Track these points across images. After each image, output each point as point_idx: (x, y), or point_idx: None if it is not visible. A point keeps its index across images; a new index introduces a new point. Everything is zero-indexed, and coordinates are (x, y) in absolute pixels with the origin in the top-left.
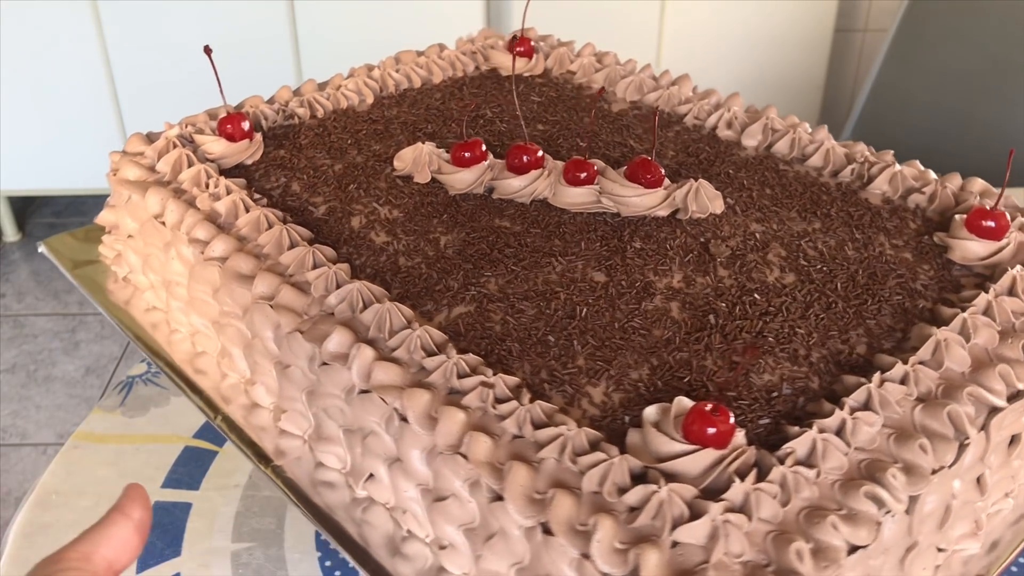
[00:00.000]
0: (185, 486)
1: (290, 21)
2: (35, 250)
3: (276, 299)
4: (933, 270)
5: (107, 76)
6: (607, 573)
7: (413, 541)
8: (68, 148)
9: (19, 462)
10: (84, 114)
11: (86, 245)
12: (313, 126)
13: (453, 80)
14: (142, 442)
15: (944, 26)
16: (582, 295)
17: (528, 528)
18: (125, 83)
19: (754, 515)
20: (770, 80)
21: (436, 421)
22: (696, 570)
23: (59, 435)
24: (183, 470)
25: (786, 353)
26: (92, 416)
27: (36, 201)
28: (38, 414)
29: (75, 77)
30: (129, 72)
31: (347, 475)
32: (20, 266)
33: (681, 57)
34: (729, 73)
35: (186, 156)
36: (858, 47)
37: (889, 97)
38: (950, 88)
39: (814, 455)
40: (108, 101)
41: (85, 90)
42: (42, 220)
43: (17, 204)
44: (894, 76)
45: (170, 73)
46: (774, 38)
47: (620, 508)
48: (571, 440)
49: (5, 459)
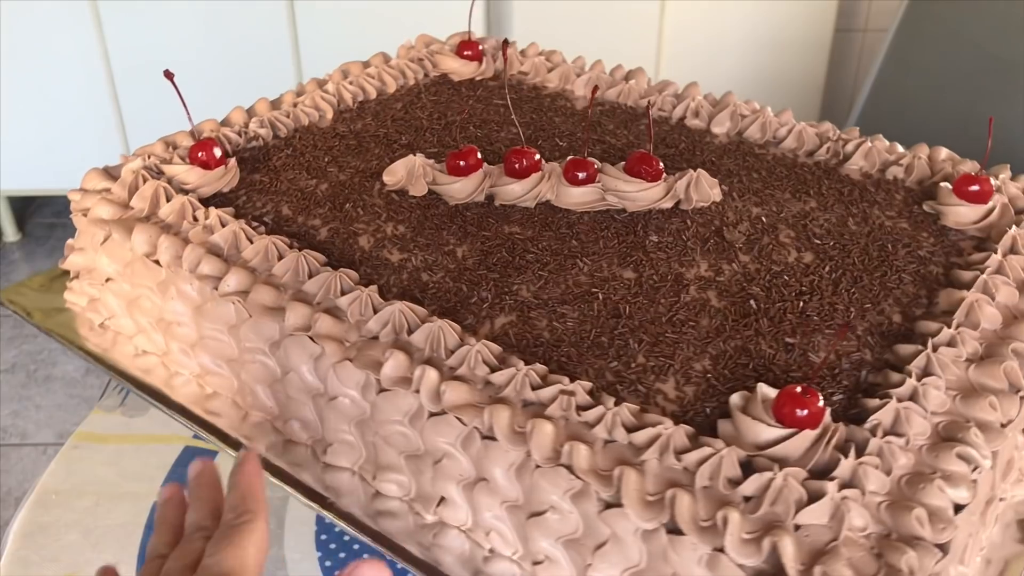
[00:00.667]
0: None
1: (290, 21)
2: (35, 250)
3: (314, 329)
4: (932, 237)
5: (107, 76)
6: (742, 564)
7: (498, 559)
8: (68, 148)
9: (19, 462)
10: (84, 114)
11: (48, 295)
12: (280, 146)
13: (408, 89)
14: (142, 442)
15: (944, 26)
16: (619, 293)
17: (646, 531)
18: (125, 83)
19: (865, 489)
20: (770, 80)
21: (524, 435)
22: (827, 549)
23: (59, 435)
24: (183, 470)
25: (832, 330)
26: (92, 416)
27: (36, 201)
28: (38, 414)
29: (75, 77)
30: (129, 72)
31: (411, 501)
32: (20, 266)
33: (681, 57)
34: (729, 73)
35: (162, 188)
36: (858, 47)
37: (889, 97)
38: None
39: (899, 424)
40: (108, 101)
41: (85, 90)
42: (42, 220)
43: (17, 204)
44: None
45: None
46: (774, 38)
47: (736, 499)
48: (672, 438)
49: (5, 459)
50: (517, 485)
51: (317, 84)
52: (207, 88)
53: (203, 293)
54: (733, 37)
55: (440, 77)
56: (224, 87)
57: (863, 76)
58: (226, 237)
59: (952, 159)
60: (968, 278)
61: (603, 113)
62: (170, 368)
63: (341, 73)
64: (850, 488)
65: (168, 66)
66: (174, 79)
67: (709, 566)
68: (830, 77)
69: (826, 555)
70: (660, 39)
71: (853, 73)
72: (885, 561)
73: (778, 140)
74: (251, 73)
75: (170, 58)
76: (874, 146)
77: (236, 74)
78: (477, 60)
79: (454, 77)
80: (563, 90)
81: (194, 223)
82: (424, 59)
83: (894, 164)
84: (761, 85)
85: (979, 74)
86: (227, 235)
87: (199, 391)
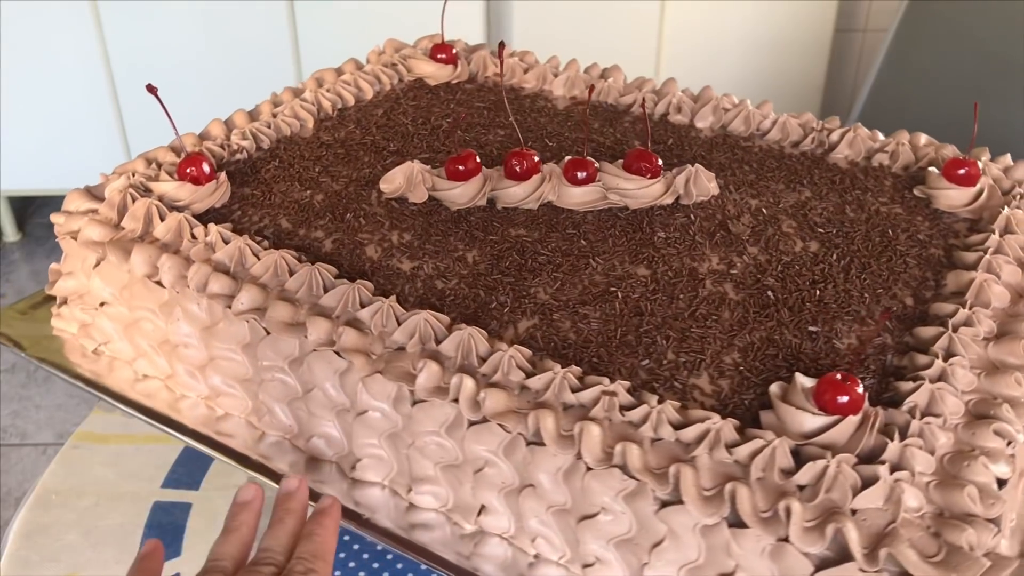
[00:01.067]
0: (185, 486)
1: (290, 21)
2: (35, 250)
3: (340, 343)
4: (928, 221)
5: (107, 76)
6: (807, 553)
7: (544, 564)
8: (68, 148)
9: (19, 462)
10: (84, 114)
11: (34, 323)
12: (266, 158)
13: (385, 95)
14: (142, 442)
15: (944, 26)
16: (637, 291)
17: (705, 526)
18: (125, 83)
19: (914, 470)
20: (770, 80)
21: (571, 439)
22: (887, 532)
23: (59, 435)
24: (183, 470)
25: (851, 316)
26: (92, 416)
27: (36, 201)
28: (38, 414)
29: (75, 77)
30: (129, 72)
31: (449, 512)
32: (20, 266)
33: (681, 57)
34: (729, 73)
35: (155, 206)
36: (858, 47)
37: (889, 97)
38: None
39: (933, 404)
40: (108, 101)
41: (85, 90)
42: (42, 220)
43: (17, 204)
44: (894, 76)
45: (170, 73)
46: (774, 38)
47: (791, 489)
48: (721, 432)
49: (5, 459)
50: (565, 489)
51: (293, 93)
52: (207, 88)
53: (212, 312)
54: (733, 37)
55: (416, 82)
56: (224, 87)
57: (863, 76)
58: (231, 254)
59: (933, 144)
60: (972, 259)
61: (585, 112)
62: (175, 391)
63: (315, 81)
64: (900, 470)
65: (168, 66)
66: (157, 92)
67: (772, 557)
68: (830, 77)
69: (887, 537)
70: (660, 39)
71: (853, 73)
72: (944, 539)
73: (762, 132)
74: (251, 73)
75: (170, 58)
76: (858, 135)
77: (236, 74)
78: (452, 64)
79: (430, 81)
80: (541, 90)
81: (193, 241)
82: (398, 64)
83: (879, 151)
84: (761, 85)
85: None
86: (232, 252)
87: (208, 413)
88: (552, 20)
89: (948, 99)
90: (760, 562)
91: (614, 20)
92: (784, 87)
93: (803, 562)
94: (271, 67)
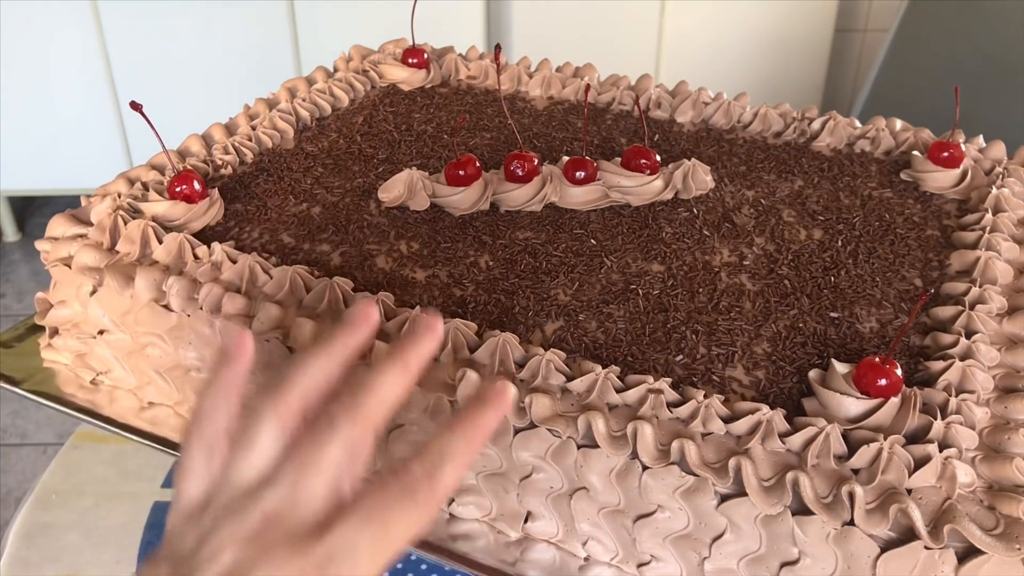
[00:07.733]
0: None
1: (290, 21)
2: (35, 250)
3: (372, 357)
4: (919, 203)
5: (107, 76)
6: (872, 535)
7: (595, 566)
8: (68, 148)
9: (19, 462)
10: (84, 114)
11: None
12: (253, 172)
13: (360, 102)
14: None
15: (944, 26)
16: (656, 287)
17: (766, 517)
18: (125, 83)
19: (961, 447)
20: (770, 80)
21: (624, 439)
22: (945, 508)
23: (59, 435)
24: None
25: (867, 300)
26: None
27: (36, 201)
28: (38, 414)
29: (75, 77)
30: (129, 72)
31: (492, 521)
32: (20, 266)
33: (681, 57)
34: (729, 73)
35: (151, 228)
36: (858, 47)
37: (889, 97)
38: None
39: (966, 381)
40: (108, 101)
41: (85, 90)
42: (42, 220)
43: (17, 204)
44: (894, 76)
45: (170, 74)
46: (774, 38)
47: (847, 473)
48: (774, 423)
49: (5, 459)
50: (618, 489)
51: (267, 104)
52: (207, 88)
53: (228, 334)
54: (733, 37)
55: (390, 88)
56: (224, 87)
57: (863, 76)
58: (240, 273)
59: (910, 128)
60: (971, 238)
61: (567, 111)
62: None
63: (288, 92)
64: (947, 448)
65: (168, 66)
66: (142, 109)
67: (837, 542)
68: (830, 77)
69: (946, 513)
70: (660, 40)
71: (853, 73)
72: (999, 512)
73: (744, 124)
74: (251, 73)
75: (170, 58)
76: (838, 123)
77: (236, 74)
78: (424, 68)
79: (403, 86)
80: (516, 91)
81: (198, 262)
82: (369, 70)
83: (860, 138)
84: (761, 85)
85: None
86: (241, 270)
87: None
88: (552, 21)
89: (948, 99)
90: (825, 548)
91: (614, 20)
92: (784, 87)
93: (869, 544)
94: (271, 67)
